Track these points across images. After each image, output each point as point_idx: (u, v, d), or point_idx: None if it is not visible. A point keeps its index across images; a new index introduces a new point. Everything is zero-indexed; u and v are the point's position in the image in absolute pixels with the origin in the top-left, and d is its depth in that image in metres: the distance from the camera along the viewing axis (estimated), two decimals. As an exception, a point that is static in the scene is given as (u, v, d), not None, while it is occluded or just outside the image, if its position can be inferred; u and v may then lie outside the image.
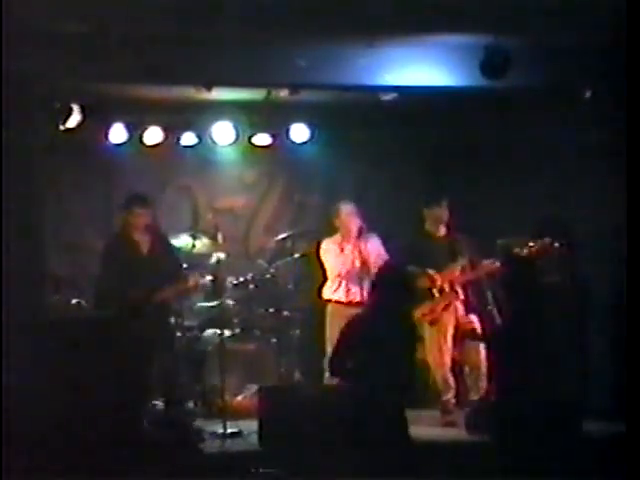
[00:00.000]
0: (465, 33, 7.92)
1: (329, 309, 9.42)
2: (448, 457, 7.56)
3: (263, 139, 10.23)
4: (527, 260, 8.07)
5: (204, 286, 9.40)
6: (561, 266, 8.60)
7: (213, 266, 9.22)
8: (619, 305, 7.94)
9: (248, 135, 10.16)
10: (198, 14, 7.28)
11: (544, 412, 6.48)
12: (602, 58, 8.19)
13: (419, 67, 8.38)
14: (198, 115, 9.89)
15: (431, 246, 9.02)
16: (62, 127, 8.98)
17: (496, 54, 7.91)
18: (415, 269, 8.70)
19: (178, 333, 9.18)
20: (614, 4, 7.25)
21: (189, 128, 10.06)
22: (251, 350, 9.51)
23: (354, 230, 9.40)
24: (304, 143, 10.26)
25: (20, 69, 7.36)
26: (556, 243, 8.52)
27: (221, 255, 9.13)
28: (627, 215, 7.13)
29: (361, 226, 9.40)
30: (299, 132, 10.20)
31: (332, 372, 7.14)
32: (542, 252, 8.43)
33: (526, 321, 6.53)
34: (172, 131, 10.01)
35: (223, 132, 9.96)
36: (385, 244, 9.45)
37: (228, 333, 9.25)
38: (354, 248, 9.38)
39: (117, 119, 9.75)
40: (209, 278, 9.28)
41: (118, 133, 9.80)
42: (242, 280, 9.58)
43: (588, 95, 8.56)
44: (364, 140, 10.45)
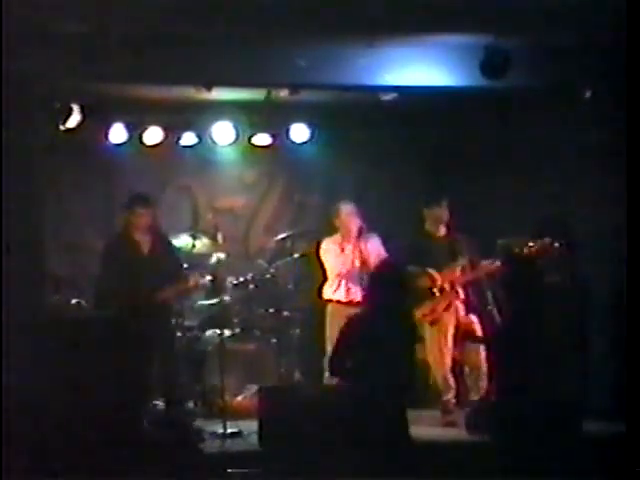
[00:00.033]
0: (465, 33, 7.92)
1: (329, 309, 9.42)
2: (448, 457, 7.56)
3: (263, 139, 10.23)
4: (527, 260, 8.05)
5: (204, 286, 9.40)
6: (561, 266, 8.60)
7: (213, 266, 9.22)
8: (619, 305, 7.93)
9: (248, 135, 10.16)
10: (198, 14, 7.28)
11: (544, 412, 6.47)
12: (602, 58, 8.19)
13: (419, 67, 8.38)
14: (198, 115, 9.89)
15: (431, 246, 9.01)
16: (62, 127, 8.98)
17: (496, 54, 7.91)
18: (415, 269, 8.71)
19: (178, 333, 9.19)
20: (614, 4, 7.25)
21: (189, 128, 10.06)
22: (251, 350, 9.51)
23: (354, 230, 9.40)
24: (304, 143, 10.26)
25: (20, 69, 7.35)
26: (556, 243, 8.52)
27: (221, 255, 9.14)
28: (627, 215, 7.14)
29: (361, 226, 9.40)
30: (299, 132, 10.20)
31: (332, 372, 7.13)
32: (542, 252, 8.43)
33: (526, 321, 6.52)
34: (172, 131, 10.01)
35: (223, 132, 9.96)
36: (385, 244, 9.45)
37: (228, 333, 9.25)
38: (354, 248, 9.38)
39: (117, 119, 9.76)
40: (209, 278, 9.28)
41: (118, 133, 9.80)
42: (242, 280, 9.58)
43: (588, 95, 8.56)
44: (364, 140, 10.45)
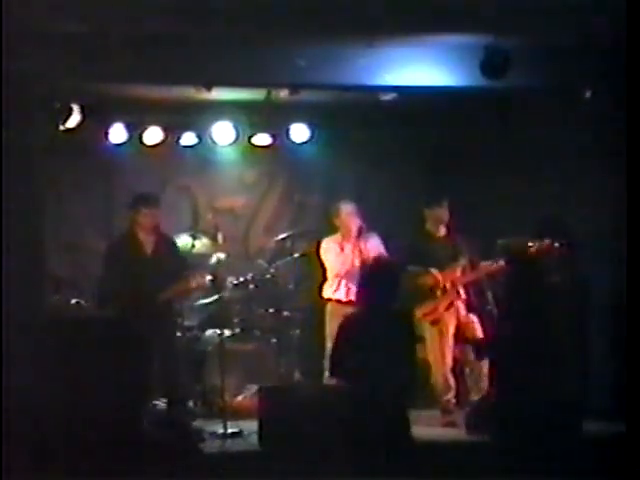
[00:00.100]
0: (465, 33, 7.92)
1: (328, 308, 9.41)
2: (448, 457, 7.56)
3: (263, 139, 10.23)
4: (527, 260, 8.06)
5: (206, 286, 9.40)
6: (561, 266, 8.59)
7: (213, 266, 9.22)
8: (619, 305, 7.93)
9: (248, 135, 10.16)
10: (198, 14, 7.28)
11: (544, 412, 6.48)
12: (602, 58, 8.19)
13: (419, 67, 8.37)
14: (198, 115, 9.89)
15: (432, 246, 9.01)
16: (62, 127, 8.98)
17: (496, 54, 7.91)
18: (417, 268, 8.72)
19: (178, 333, 9.18)
20: (614, 4, 7.25)
21: (189, 128, 10.06)
22: (251, 350, 9.50)
23: (354, 230, 9.40)
24: (304, 143, 10.26)
25: (20, 69, 7.35)
26: (556, 243, 8.52)
27: (221, 255, 9.13)
28: (627, 215, 7.13)
29: (361, 226, 9.40)
30: (299, 132, 10.20)
31: (332, 372, 7.13)
32: (542, 252, 8.43)
33: (526, 321, 6.53)
34: (172, 131, 10.01)
35: (223, 132, 9.95)
36: (385, 244, 9.45)
37: (228, 333, 9.25)
38: (354, 247, 9.38)
39: (117, 119, 9.75)
40: (209, 278, 9.27)
41: (118, 133, 9.80)
42: (242, 280, 9.58)
43: (588, 95, 8.55)
44: (364, 140, 10.45)
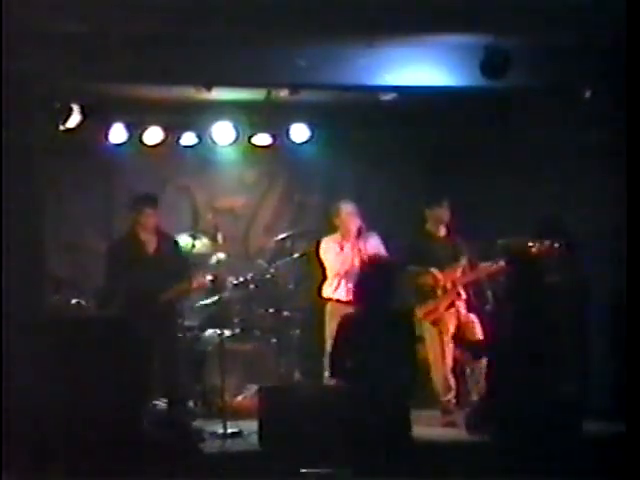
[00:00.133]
0: (465, 33, 7.92)
1: (328, 308, 9.40)
2: (448, 457, 7.55)
3: (263, 139, 10.23)
4: (528, 260, 8.07)
5: (206, 286, 9.39)
6: (561, 266, 8.59)
7: (213, 266, 9.21)
8: (619, 305, 7.93)
9: (248, 135, 10.16)
10: (198, 14, 7.28)
11: (544, 412, 6.48)
12: (602, 58, 8.19)
13: (419, 67, 8.37)
14: (198, 115, 9.88)
15: (432, 246, 9.01)
16: (62, 127, 8.97)
17: (496, 54, 7.91)
18: (417, 268, 8.72)
19: (178, 333, 9.18)
20: (614, 4, 7.25)
21: (189, 128, 10.06)
22: (251, 350, 9.50)
23: (354, 229, 9.40)
24: (304, 143, 10.25)
25: (20, 69, 7.35)
26: (556, 243, 8.52)
27: (221, 255, 9.13)
28: (627, 215, 7.13)
29: (361, 225, 9.40)
30: (299, 132, 10.19)
31: (331, 372, 7.14)
32: (542, 252, 8.43)
33: (526, 321, 6.53)
34: (172, 131, 10.01)
35: (223, 132, 9.95)
36: (385, 244, 9.45)
37: (228, 333, 9.24)
38: (354, 247, 9.38)
39: (117, 119, 9.75)
40: (209, 278, 9.27)
41: (118, 133, 9.80)
42: (242, 280, 9.57)
43: (588, 95, 8.55)
44: (364, 140, 10.44)
